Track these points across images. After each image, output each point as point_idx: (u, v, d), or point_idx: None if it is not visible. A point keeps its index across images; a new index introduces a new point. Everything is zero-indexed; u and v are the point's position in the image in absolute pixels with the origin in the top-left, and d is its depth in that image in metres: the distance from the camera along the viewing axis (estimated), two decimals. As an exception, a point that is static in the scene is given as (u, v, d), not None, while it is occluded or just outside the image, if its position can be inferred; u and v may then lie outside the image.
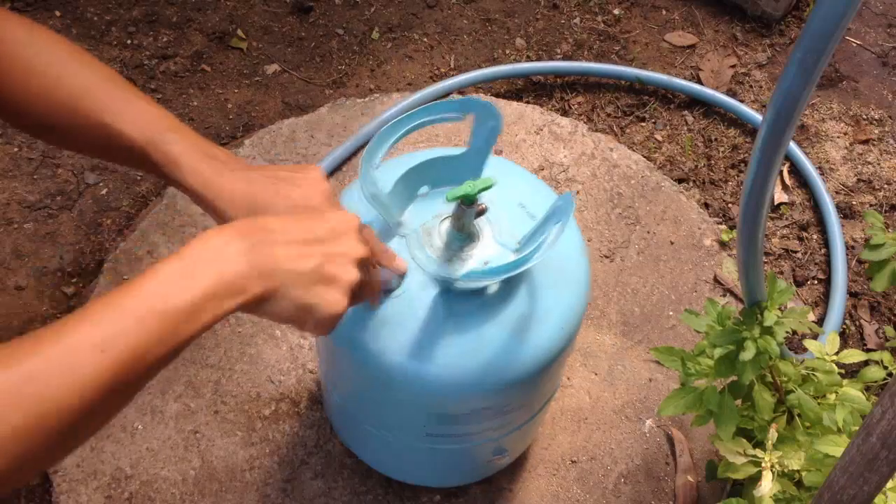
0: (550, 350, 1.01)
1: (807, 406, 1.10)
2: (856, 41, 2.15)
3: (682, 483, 1.41)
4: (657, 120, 1.95)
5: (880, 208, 1.82)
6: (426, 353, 0.96)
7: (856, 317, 1.66)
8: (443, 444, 1.15)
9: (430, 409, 1.04)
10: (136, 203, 1.72)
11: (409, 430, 1.13)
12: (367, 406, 1.15)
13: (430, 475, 1.34)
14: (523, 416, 1.16)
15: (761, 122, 0.77)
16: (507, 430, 1.15)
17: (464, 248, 0.98)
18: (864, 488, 0.71)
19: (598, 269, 1.65)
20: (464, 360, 0.96)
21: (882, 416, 0.64)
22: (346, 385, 1.16)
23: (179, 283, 0.63)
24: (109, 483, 1.36)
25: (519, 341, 0.98)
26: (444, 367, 0.96)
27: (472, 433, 1.12)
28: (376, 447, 1.26)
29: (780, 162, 0.79)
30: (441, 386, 0.97)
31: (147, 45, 1.96)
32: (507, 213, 1.02)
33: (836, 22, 0.64)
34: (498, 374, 0.98)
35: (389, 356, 0.96)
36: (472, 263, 0.97)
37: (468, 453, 1.21)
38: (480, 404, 1.03)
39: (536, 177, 1.16)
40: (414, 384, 0.97)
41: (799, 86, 0.69)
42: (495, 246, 0.99)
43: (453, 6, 2.13)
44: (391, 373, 0.97)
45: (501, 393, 1.01)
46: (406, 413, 1.09)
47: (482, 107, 0.93)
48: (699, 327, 1.12)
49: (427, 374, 0.96)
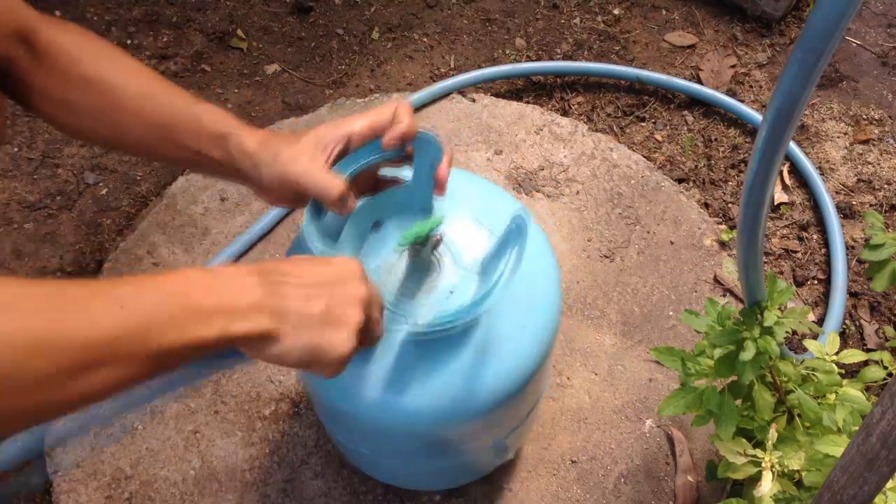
0: (531, 364, 1.00)
1: (807, 406, 1.10)
2: (856, 41, 2.15)
3: (682, 483, 1.41)
4: (657, 120, 1.95)
5: (880, 208, 1.82)
6: (406, 388, 0.94)
7: (856, 317, 1.66)
8: (441, 460, 1.15)
9: (420, 439, 1.03)
10: (136, 203, 1.72)
11: (404, 454, 1.12)
12: (357, 436, 1.13)
13: (432, 481, 1.33)
14: (516, 420, 1.15)
15: (761, 122, 0.76)
16: (504, 433, 1.15)
17: (425, 279, 0.96)
18: (864, 488, 0.71)
19: (598, 269, 1.65)
20: (446, 389, 0.94)
21: (882, 416, 0.64)
22: (331, 419, 1.14)
23: (202, 288, 0.66)
24: (109, 483, 1.36)
25: (498, 361, 0.96)
26: (427, 399, 0.94)
27: (468, 447, 1.12)
28: (373, 463, 1.25)
29: (780, 162, 0.79)
30: (428, 417, 0.95)
31: (147, 45, 1.96)
32: (464, 233, 0.99)
33: (837, 22, 0.64)
34: (482, 398, 0.96)
35: (369, 395, 0.94)
36: (437, 295, 0.95)
37: (467, 460, 1.20)
38: (470, 427, 1.02)
39: (488, 180, 1.14)
40: (399, 419, 0.95)
41: (799, 86, 0.69)
42: (457, 271, 0.97)
43: (453, 6, 2.13)
44: (373, 411, 0.95)
45: (489, 412, 0.99)
46: (398, 442, 1.07)
47: (419, 140, 0.91)
48: (699, 327, 1.12)
49: (409, 408, 0.94)
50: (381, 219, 0.99)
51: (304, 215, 0.89)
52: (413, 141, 0.91)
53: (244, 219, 1.66)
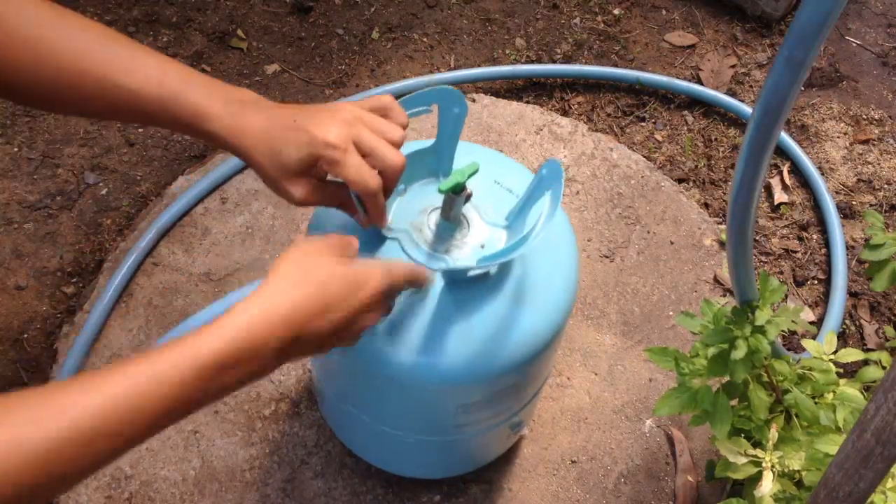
0: (562, 312, 1.03)
1: (803, 405, 1.10)
2: (856, 41, 2.15)
3: (682, 483, 1.41)
4: (657, 120, 1.95)
5: (880, 208, 1.82)
6: (448, 347, 0.97)
7: (856, 317, 1.66)
8: (467, 434, 1.16)
9: (460, 399, 1.05)
10: (136, 203, 1.72)
11: (437, 428, 1.14)
12: (387, 412, 1.14)
13: (445, 466, 1.33)
14: (539, 383, 1.19)
15: (749, 120, 0.77)
16: (523, 403, 1.18)
17: (455, 236, 0.99)
18: (860, 485, 0.71)
19: (598, 269, 1.65)
20: (486, 343, 0.97)
21: (876, 411, 0.64)
22: (360, 396, 1.15)
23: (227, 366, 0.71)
24: (109, 483, 1.37)
25: (532, 311, 1.00)
26: (469, 356, 0.97)
27: (497, 413, 1.14)
28: (388, 448, 1.25)
29: (769, 159, 0.79)
30: (468, 375, 0.98)
31: (147, 45, 1.97)
32: (486, 193, 1.03)
33: (824, 19, 0.64)
34: (520, 348, 1.00)
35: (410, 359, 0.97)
36: (468, 250, 0.98)
37: (489, 436, 1.22)
38: (510, 381, 1.05)
39: (498, 151, 1.18)
40: (441, 380, 0.98)
41: (787, 83, 0.69)
42: (486, 228, 1.00)
43: (453, 6, 2.13)
44: (416, 375, 0.98)
45: (527, 364, 1.02)
46: (433, 412, 1.09)
47: (446, 94, 0.94)
48: (694, 328, 1.12)
49: (452, 367, 0.97)
50: (406, 182, 1.02)
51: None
52: (439, 98, 0.94)
53: (244, 219, 1.66)
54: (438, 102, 0.95)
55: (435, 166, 1.03)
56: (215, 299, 1.55)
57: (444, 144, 1.00)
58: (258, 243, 1.63)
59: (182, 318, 1.53)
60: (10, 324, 1.54)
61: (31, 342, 1.53)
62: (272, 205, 1.69)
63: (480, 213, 1.01)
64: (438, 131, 0.98)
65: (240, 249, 1.62)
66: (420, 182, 1.03)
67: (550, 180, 0.91)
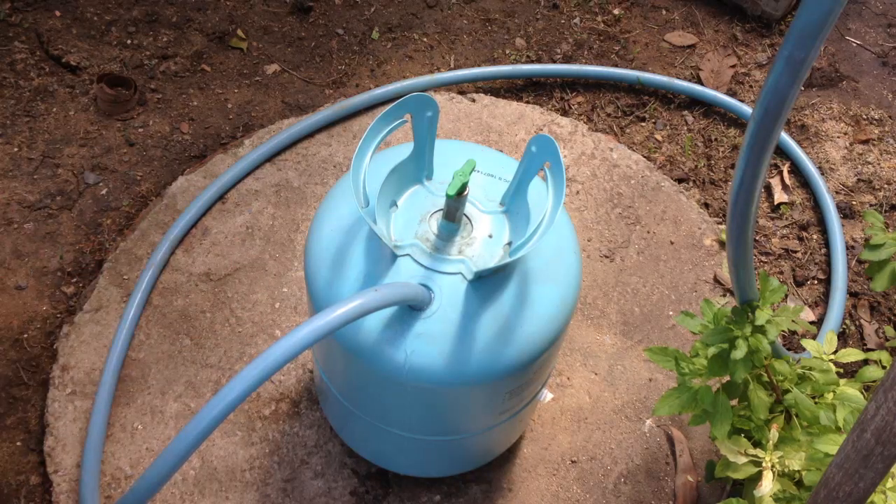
0: (570, 304, 1.07)
1: (803, 405, 1.10)
2: (856, 41, 2.15)
3: (682, 483, 1.41)
4: (657, 120, 1.95)
5: (880, 208, 1.82)
6: (493, 341, 0.99)
7: (856, 317, 1.66)
8: (507, 418, 1.19)
9: (507, 387, 1.07)
10: (136, 203, 1.72)
11: (482, 419, 1.16)
12: (398, 408, 1.15)
13: (447, 463, 1.34)
14: (545, 373, 1.22)
15: (749, 119, 0.77)
16: (537, 389, 1.22)
17: (461, 234, 1.01)
18: (860, 485, 0.71)
19: (598, 269, 1.65)
20: (523, 330, 1.00)
21: (876, 411, 0.64)
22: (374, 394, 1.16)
23: None
24: (109, 483, 1.36)
25: (554, 296, 1.03)
26: (512, 345, 1.00)
27: (535, 391, 1.18)
28: (396, 446, 1.26)
29: (769, 159, 0.79)
30: (513, 364, 1.01)
31: (147, 45, 1.97)
32: (474, 183, 1.05)
33: (823, 20, 0.64)
34: (552, 328, 1.03)
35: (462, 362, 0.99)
36: (479, 244, 1.00)
37: (521, 418, 1.25)
38: (549, 355, 1.08)
39: (472, 142, 1.20)
40: (492, 375, 1.00)
41: (787, 83, 0.69)
42: (486, 217, 1.03)
43: (453, 6, 2.13)
44: (469, 379, 1.00)
45: (557, 341, 1.06)
46: (482, 404, 1.11)
47: (417, 101, 0.96)
48: (694, 328, 1.12)
49: (502, 358, 1.00)
50: (395, 196, 1.04)
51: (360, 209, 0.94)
52: (410, 106, 0.96)
53: (244, 219, 1.66)
54: (412, 111, 0.97)
55: (418, 172, 1.04)
56: (215, 299, 1.55)
57: (422, 149, 1.02)
58: (258, 243, 1.63)
59: (182, 318, 1.53)
60: (10, 324, 1.54)
61: (31, 342, 1.53)
62: (272, 205, 1.69)
63: (476, 205, 1.03)
64: (415, 138, 0.99)
65: (240, 249, 1.62)
66: (407, 192, 1.05)
67: (543, 154, 0.93)
